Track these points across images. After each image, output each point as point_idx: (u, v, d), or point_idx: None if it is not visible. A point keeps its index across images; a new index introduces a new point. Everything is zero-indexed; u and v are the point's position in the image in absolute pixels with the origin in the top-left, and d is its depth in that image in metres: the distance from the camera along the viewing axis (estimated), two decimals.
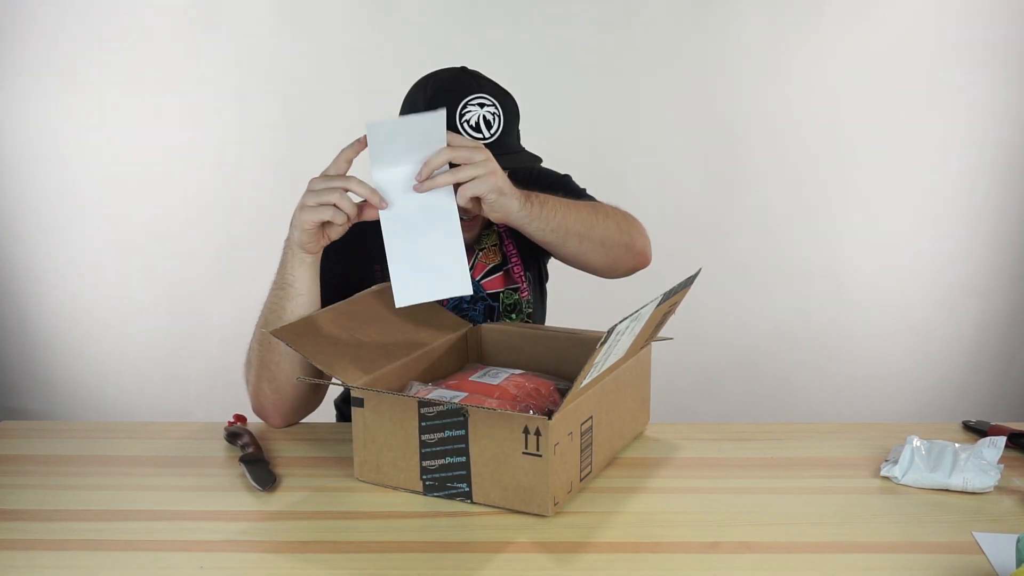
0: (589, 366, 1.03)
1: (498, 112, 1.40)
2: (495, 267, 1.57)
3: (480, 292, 1.55)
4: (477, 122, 1.39)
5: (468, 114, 1.39)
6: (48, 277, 2.77)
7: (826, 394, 2.68)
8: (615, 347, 1.10)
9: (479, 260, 1.56)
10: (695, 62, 2.58)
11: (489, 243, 1.57)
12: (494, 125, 1.40)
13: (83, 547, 1.04)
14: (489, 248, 1.57)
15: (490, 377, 1.25)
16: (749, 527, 1.06)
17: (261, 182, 2.66)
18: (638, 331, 1.15)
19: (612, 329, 1.02)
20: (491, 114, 1.40)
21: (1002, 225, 2.65)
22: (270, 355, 1.32)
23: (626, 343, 1.15)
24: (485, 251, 1.57)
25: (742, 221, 2.66)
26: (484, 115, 1.40)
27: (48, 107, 2.65)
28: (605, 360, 1.09)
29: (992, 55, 2.54)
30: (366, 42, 2.59)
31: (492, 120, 1.40)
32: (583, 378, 1.05)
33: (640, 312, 1.09)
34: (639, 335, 1.20)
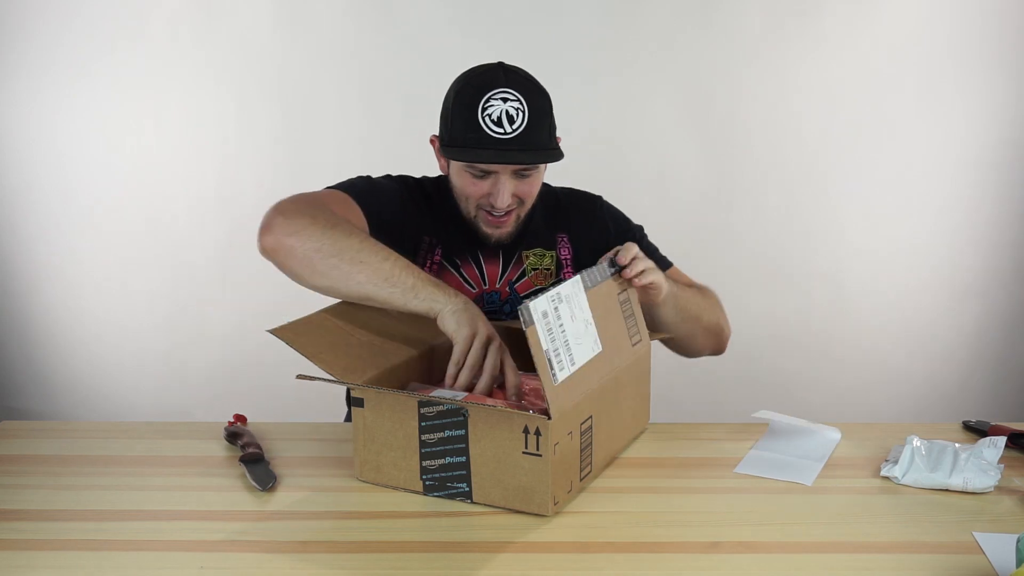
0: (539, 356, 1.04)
1: (522, 107, 1.39)
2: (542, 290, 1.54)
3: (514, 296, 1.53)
4: (499, 117, 1.38)
5: (490, 109, 1.39)
6: (48, 277, 2.77)
7: (826, 394, 2.68)
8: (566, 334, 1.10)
9: (528, 278, 1.53)
10: (696, 62, 2.58)
11: (544, 265, 1.54)
12: (517, 120, 1.39)
13: (83, 547, 1.04)
14: (543, 270, 1.54)
15: None
16: (749, 527, 1.06)
17: (261, 183, 2.66)
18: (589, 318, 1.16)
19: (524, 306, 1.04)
20: (514, 109, 1.39)
21: (1002, 225, 2.65)
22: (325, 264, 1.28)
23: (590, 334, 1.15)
24: (539, 272, 1.54)
25: (742, 221, 2.66)
26: (507, 110, 1.39)
27: (48, 107, 2.65)
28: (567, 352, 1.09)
29: (992, 55, 2.54)
30: (366, 42, 2.59)
31: (515, 115, 1.39)
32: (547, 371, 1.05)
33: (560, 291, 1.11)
34: (610, 327, 1.20)
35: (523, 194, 1.45)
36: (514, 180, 1.42)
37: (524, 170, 1.42)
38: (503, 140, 1.38)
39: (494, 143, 1.38)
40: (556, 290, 1.10)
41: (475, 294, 1.51)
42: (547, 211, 1.57)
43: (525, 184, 1.44)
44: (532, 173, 1.44)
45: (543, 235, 1.55)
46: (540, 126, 1.42)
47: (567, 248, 1.55)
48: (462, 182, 1.45)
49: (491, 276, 1.52)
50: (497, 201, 1.42)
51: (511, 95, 1.40)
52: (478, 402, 1.11)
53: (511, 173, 1.42)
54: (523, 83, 1.43)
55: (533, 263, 1.53)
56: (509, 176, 1.41)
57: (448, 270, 1.50)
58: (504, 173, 1.41)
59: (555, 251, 1.55)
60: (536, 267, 1.53)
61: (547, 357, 1.05)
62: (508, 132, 1.38)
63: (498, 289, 1.52)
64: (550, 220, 1.56)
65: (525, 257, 1.53)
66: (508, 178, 1.41)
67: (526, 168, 1.42)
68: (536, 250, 1.54)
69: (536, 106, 1.41)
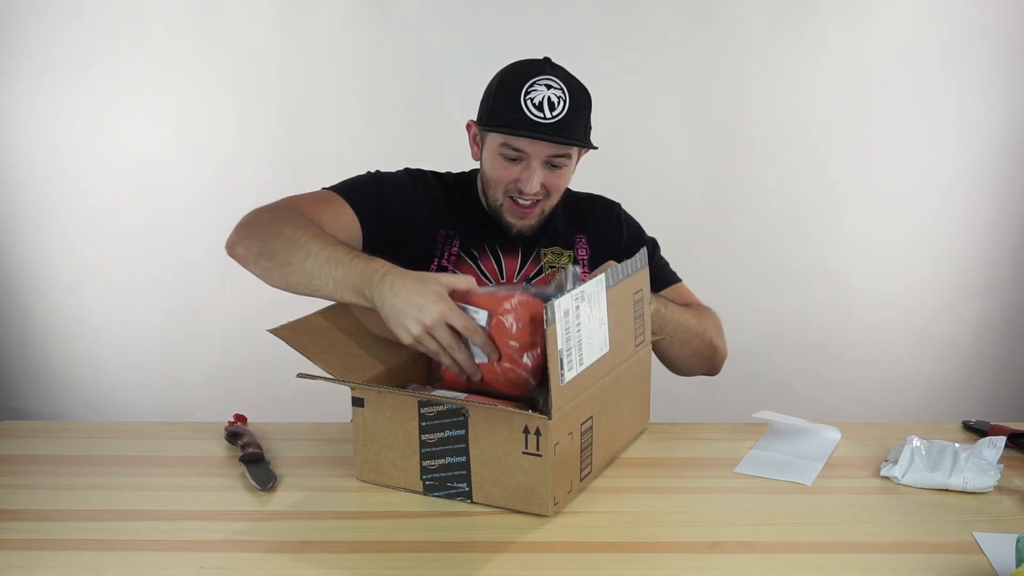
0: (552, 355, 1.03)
1: (564, 96, 1.41)
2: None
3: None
4: (541, 102, 1.40)
5: (533, 93, 1.40)
6: (48, 277, 2.77)
7: (826, 394, 2.68)
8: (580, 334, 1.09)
9: (545, 275, 1.54)
10: (696, 62, 2.58)
11: (561, 263, 1.56)
12: (557, 107, 1.40)
13: (83, 547, 1.04)
14: (561, 268, 1.53)
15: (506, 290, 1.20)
16: (749, 527, 1.06)
17: (261, 183, 2.65)
18: (604, 317, 1.15)
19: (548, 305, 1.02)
20: (556, 97, 1.40)
21: (1001, 225, 2.65)
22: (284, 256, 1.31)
23: (601, 334, 1.14)
24: (556, 269, 1.55)
25: (742, 221, 2.66)
26: (549, 96, 1.40)
27: (48, 107, 2.65)
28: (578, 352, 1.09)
29: (992, 55, 2.54)
30: (366, 42, 2.59)
31: (556, 103, 1.40)
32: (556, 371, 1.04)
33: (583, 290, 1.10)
34: (621, 327, 1.19)
35: (551, 186, 1.46)
36: (544, 170, 1.44)
37: (555, 158, 1.43)
38: (542, 123, 1.39)
39: (533, 125, 1.40)
40: (580, 288, 1.10)
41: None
42: (567, 212, 1.59)
43: (555, 176, 1.46)
44: (563, 166, 1.46)
45: (563, 234, 1.56)
46: (579, 118, 1.44)
47: (584, 249, 1.57)
48: (493, 165, 1.46)
49: (509, 270, 1.53)
50: (526, 187, 1.43)
51: (555, 83, 1.42)
52: (478, 402, 1.11)
53: (543, 161, 1.43)
54: (568, 76, 1.45)
55: (551, 261, 1.54)
56: (541, 164, 1.43)
57: (466, 262, 1.52)
58: (536, 159, 1.42)
59: (573, 251, 1.56)
60: (553, 265, 1.54)
61: (560, 357, 1.05)
62: (548, 117, 1.40)
63: (515, 284, 1.53)
64: (570, 221, 1.58)
65: (543, 254, 1.54)
66: (539, 165, 1.43)
67: (557, 156, 1.43)
68: (555, 248, 1.55)
69: (577, 100, 1.43)
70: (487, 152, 1.48)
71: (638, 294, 1.27)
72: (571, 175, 1.51)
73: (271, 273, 1.33)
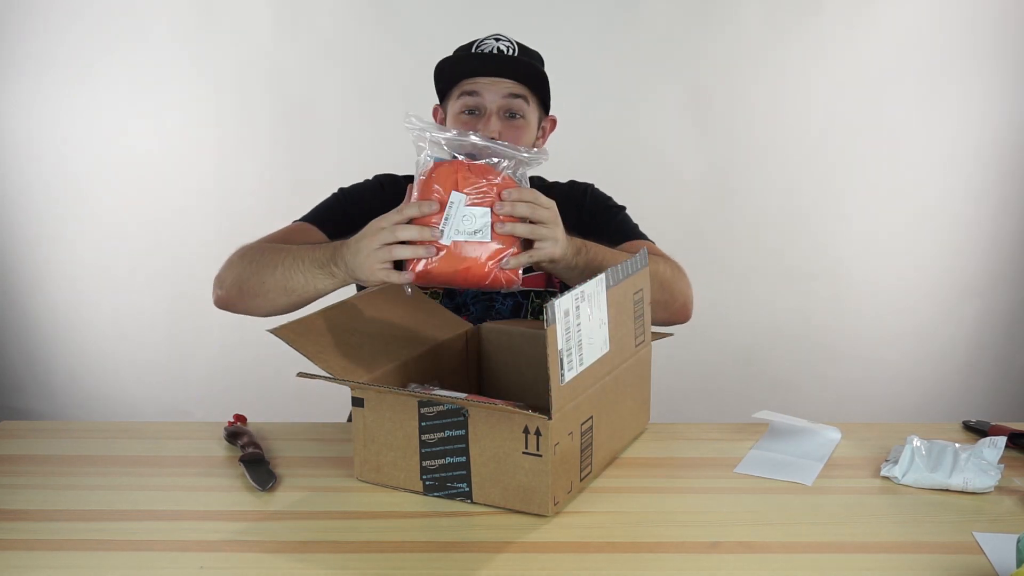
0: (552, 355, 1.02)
1: (513, 46, 1.45)
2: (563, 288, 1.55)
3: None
4: (490, 49, 1.44)
5: (483, 47, 1.46)
6: (48, 277, 2.77)
7: (826, 394, 2.68)
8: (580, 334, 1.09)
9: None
10: (696, 62, 2.58)
11: None
12: (508, 53, 1.45)
13: (83, 547, 1.04)
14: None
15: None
16: (749, 527, 1.06)
17: (261, 183, 2.66)
18: (605, 317, 1.14)
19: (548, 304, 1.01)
20: (506, 47, 1.45)
21: (1002, 225, 2.65)
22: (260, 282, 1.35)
23: (601, 334, 1.14)
24: None
25: (742, 221, 2.66)
26: (499, 46, 1.44)
27: (49, 107, 2.65)
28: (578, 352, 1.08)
29: (992, 55, 2.54)
30: (366, 42, 2.59)
31: (507, 51, 1.44)
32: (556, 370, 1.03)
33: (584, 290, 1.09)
34: (621, 326, 1.19)
35: (509, 139, 1.44)
36: (502, 121, 1.46)
37: (512, 100, 1.45)
38: (494, 57, 1.44)
39: (485, 59, 1.44)
40: (580, 288, 1.09)
41: None
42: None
43: (512, 128, 1.47)
44: (520, 113, 1.47)
45: None
46: (530, 62, 1.47)
47: None
48: (456, 126, 1.47)
49: None
50: (484, 131, 1.43)
51: (503, 38, 1.48)
52: (479, 402, 1.11)
53: (499, 112, 1.45)
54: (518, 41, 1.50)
55: None
56: (497, 113, 1.45)
57: None
58: (492, 103, 1.45)
59: None
60: None
61: (559, 357, 1.05)
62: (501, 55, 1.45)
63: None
64: None
65: None
66: (496, 116, 1.45)
67: (514, 97, 1.45)
68: None
69: (530, 52, 1.48)
70: (449, 117, 1.50)
71: (638, 294, 1.27)
72: (532, 135, 1.51)
73: (256, 302, 1.38)
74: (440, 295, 1.54)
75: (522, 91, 1.47)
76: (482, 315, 1.56)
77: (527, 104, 1.48)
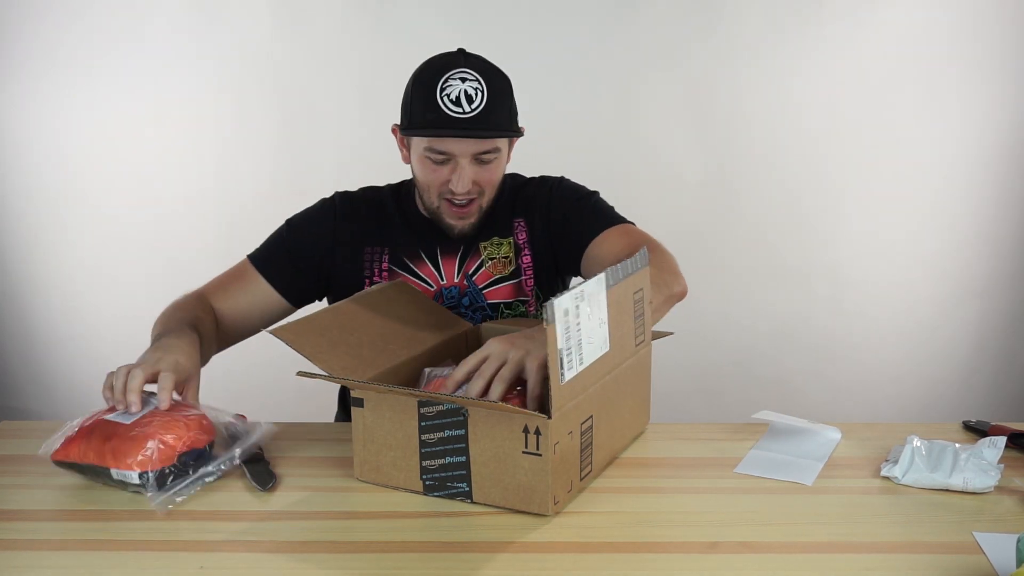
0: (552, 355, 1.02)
1: (481, 88, 1.39)
2: (503, 277, 1.54)
3: (480, 301, 1.53)
4: (457, 97, 1.38)
5: (449, 88, 1.39)
6: (48, 277, 2.77)
7: (826, 394, 2.68)
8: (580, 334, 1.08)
9: (486, 268, 1.53)
10: (695, 62, 2.58)
11: (501, 254, 1.54)
12: (476, 100, 1.38)
13: (83, 547, 1.04)
14: (500, 259, 1.54)
15: None
16: (749, 527, 1.06)
17: (260, 183, 2.66)
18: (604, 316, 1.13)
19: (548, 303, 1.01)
20: (473, 89, 1.38)
21: (1002, 225, 2.65)
22: None
23: (601, 334, 1.13)
24: (496, 261, 1.53)
25: (742, 221, 2.66)
26: (465, 89, 1.38)
27: (48, 108, 2.65)
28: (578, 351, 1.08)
29: (992, 55, 2.54)
30: (365, 42, 2.59)
31: (474, 95, 1.38)
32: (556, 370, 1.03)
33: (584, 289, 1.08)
34: (621, 326, 1.19)
35: (483, 181, 1.44)
36: (474, 166, 1.43)
37: (483, 154, 1.42)
38: (461, 119, 1.38)
39: (452, 122, 1.38)
40: (580, 288, 1.09)
41: (433, 292, 1.52)
42: (506, 199, 1.56)
43: (485, 171, 1.44)
44: (492, 160, 1.44)
45: (500, 223, 1.55)
46: (500, 107, 1.41)
47: (524, 231, 1.55)
48: (423, 170, 1.45)
49: (448, 271, 1.52)
50: (457, 187, 1.42)
51: (470, 75, 1.39)
52: (478, 402, 1.11)
53: (471, 158, 1.42)
54: (482, 65, 1.43)
55: (490, 252, 1.53)
56: (469, 161, 1.42)
57: (399, 273, 1.52)
58: (463, 157, 1.41)
59: (511, 237, 1.54)
60: (494, 256, 1.53)
61: (560, 356, 1.04)
62: (467, 112, 1.38)
63: (456, 283, 1.53)
64: (510, 207, 1.56)
65: (483, 248, 1.53)
66: (468, 163, 1.42)
67: (485, 152, 1.42)
68: (492, 239, 1.54)
69: (495, 87, 1.40)
70: (414, 157, 1.46)
71: (638, 294, 1.27)
72: (504, 165, 1.49)
73: None
74: None
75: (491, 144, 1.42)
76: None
77: (498, 144, 1.44)
